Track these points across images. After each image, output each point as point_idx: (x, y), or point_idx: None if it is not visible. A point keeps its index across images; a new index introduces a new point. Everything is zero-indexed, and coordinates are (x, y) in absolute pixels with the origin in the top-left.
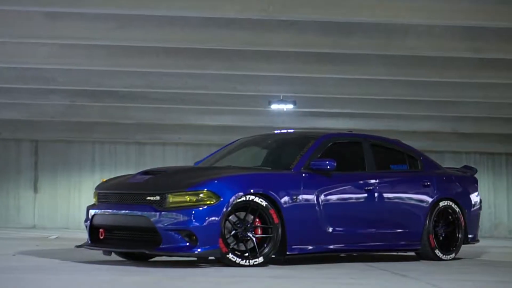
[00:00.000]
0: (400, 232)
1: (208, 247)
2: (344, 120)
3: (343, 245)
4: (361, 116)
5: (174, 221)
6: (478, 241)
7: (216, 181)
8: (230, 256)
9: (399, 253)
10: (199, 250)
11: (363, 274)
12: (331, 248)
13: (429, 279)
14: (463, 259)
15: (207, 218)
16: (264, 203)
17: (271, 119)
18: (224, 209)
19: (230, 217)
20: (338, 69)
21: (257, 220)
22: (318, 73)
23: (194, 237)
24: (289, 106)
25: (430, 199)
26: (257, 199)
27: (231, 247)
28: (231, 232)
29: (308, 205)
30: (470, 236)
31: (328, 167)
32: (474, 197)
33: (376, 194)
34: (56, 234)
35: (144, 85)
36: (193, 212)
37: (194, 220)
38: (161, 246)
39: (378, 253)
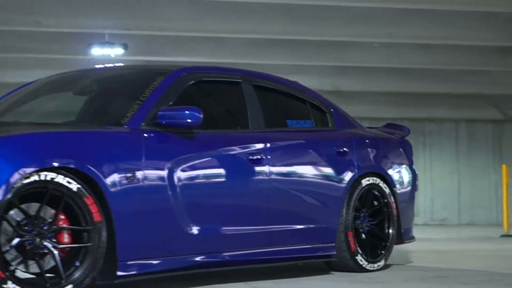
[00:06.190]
0: (303, 229)
1: None
2: None
3: (215, 255)
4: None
5: None
6: (413, 238)
7: None
8: (10, 287)
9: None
10: None
11: None
12: (197, 262)
13: None
14: (393, 266)
15: None
16: (74, 186)
17: None
18: None
19: (11, 213)
20: None
21: (63, 217)
22: None
23: None
24: (118, 51)
25: (348, 175)
26: (61, 179)
27: (12, 269)
28: (11, 240)
29: (154, 187)
30: (403, 230)
31: (189, 120)
32: (408, 171)
33: (266, 168)
34: None
35: None
36: None
37: None
38: None
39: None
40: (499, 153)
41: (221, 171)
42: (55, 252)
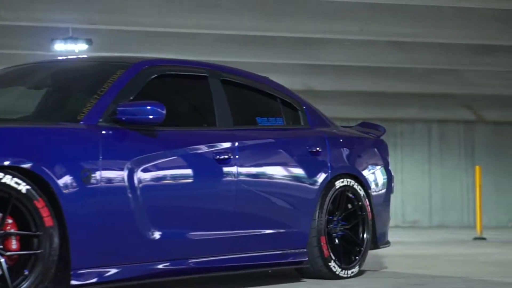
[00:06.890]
0: (273, 234)
1: None
2: None
3: (180, 262)
4: None
5: None
6: (389, 243)
7: None
8: None
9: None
10: None
11: None
12: (159, 269)
13: None
14: (367, 273)
15: None
16: (23, 188)
17: None
18: None
19: None
20: None
21: (10, 221)
22: None
23: None
24: (82, 47)
25: (321, 176)
26: (8, 180)
27: None
28: None
29: (112, 189)
30: (378, 235)
31: (151, 116)
32: (384, 172)
33: (234, 168)
34: None
35: None
36: None
37: None
38: None
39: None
40: (471, 155)
41: (186, 171)
42: (2, 259)
